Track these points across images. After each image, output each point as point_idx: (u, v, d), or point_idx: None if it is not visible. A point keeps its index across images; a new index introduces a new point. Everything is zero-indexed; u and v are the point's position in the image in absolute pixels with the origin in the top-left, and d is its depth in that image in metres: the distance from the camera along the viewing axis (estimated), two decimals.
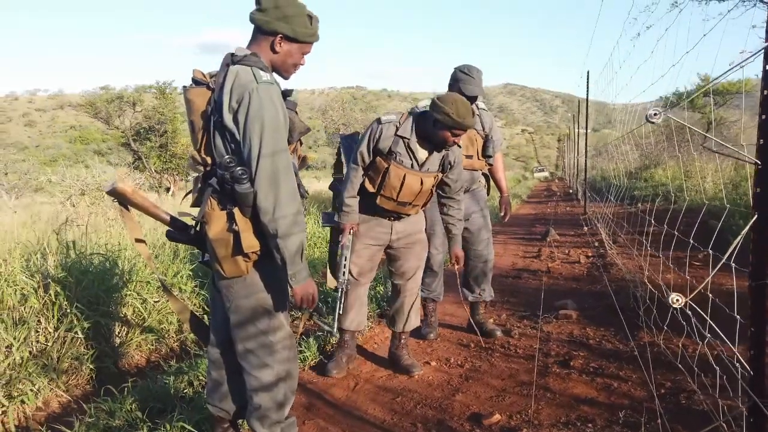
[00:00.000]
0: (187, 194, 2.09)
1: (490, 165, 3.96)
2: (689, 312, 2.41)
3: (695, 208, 6.98)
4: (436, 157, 2.96)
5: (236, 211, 1.85)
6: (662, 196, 11.51)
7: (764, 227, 1.39)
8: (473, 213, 3.83)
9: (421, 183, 2.93)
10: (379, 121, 2.95)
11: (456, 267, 3.33)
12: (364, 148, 2.94)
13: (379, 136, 2.90)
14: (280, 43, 1.91)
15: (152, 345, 3.85)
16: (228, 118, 1.82)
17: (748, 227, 1.42)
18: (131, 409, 2.64)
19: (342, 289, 3.00)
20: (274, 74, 1.97)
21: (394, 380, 3.16)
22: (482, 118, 3.79)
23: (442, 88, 3.87)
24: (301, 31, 1.91)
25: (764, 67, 1.36)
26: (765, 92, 1.37)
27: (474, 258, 3.88)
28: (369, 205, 3.02)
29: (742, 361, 1.63)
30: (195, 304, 4.42)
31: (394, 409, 2.79)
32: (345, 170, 3.19)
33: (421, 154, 2.93)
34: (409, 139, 2.89)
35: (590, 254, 6.74)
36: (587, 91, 11.82)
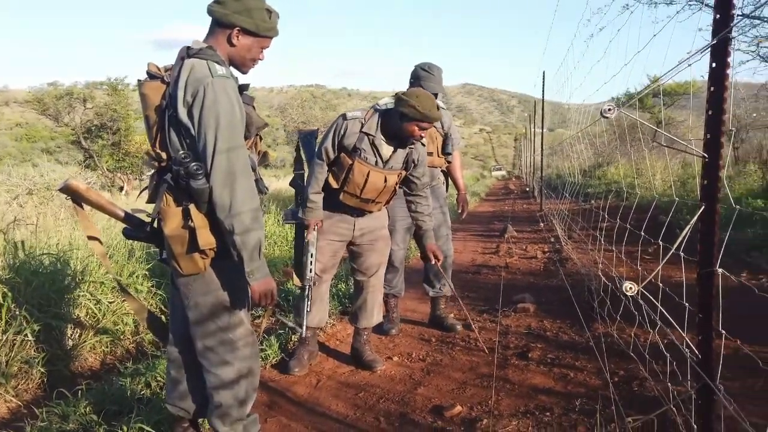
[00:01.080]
0: (142, 190, 2.05)
1: (449, 162, 4.02)
2: (641, 301, 2.50)
3: (645, 204, 7.24)
4: (401, 154, 2.98)
5: (192, 207, 1.82)
6: (614, 193, 11.89)
7: (711, 217, 1.45)
8: (433, 209, 3.87)
9: (385, 180, 2.94)
10: (344, 117, 2.95)
11: (435, 262, 3.33)
12: (329, 144, 2.93)
13: (344, 133, 2.90)
14: (237, 37, 1.88)
15: (107, 347, 3.74)
16: (183, 113, 1.79)
17: (696, 218, 1.48)
18: (86, 412, 2.56)
19: (309, 286, 2.99)
20: (231, 68, 1.94)
21: (357, 376, 3.16)
22: (441, 117, 3.84)
23: (402, 87, 3.90)
24: (260, 24, 1.89)
25: (710, 65, 1.43)
26: (711, 88, 1.43)
27: None
28: (332, 201, 3.01)
29: (692, 346, 1.71)
30: (152, 305, 4.32)
31: (357, 404, 2.80)
32: (305, 166, 3.18)
33: (386, 151, 2.94)
34: (374, 136, 2.90)
35: (546, 250, 6.90)
36: (543, 91, 12.09)
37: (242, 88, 1.94)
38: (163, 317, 3.53)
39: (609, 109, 1.51)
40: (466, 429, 2.47)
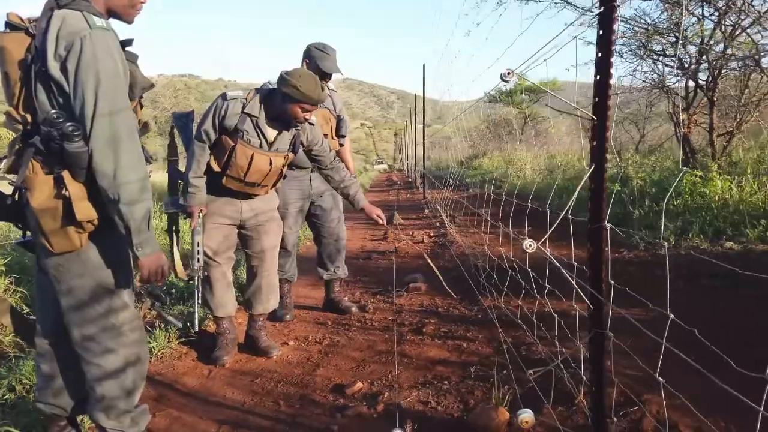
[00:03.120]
0: (1, 159, 1.79)
1: (341, 145, 3.99)
2: (529, 269, 2.64)
3: (518, 191, 7.72)
4: (287, 136, 2.89)
5: (66, 174, 1.62)
6: (490, 182, 12.61)
7: (600, 176, 1.56)
8: (324, 192, 3.82)
9: (270, 163, 2.84)
10: (224, 97, 2.80)
11: (382, 222, 3.25)
12: (208, 125, 2.77)
13: (225, 113, 2.75)
14: None
15: None
16: (54, 68, 1.58)
17: (587, 176, 1.58)
18: None
19: (198, 277, 2.81)
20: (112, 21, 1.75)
21: (252, 363, 3.04)
22: (333, 99, 3.81)
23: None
24: None
25: (598, 32, 1.53)
26: (599, 54, 1.53)
27: (327, 236, 3.88)
28: (215, 185, 2.86)
29: (578, 309, 1.82)
30: None
31: (254, 390, 2.69)
32: (183, 151, 3.01)
33: (270, 133, 2.83)
34: (257, 117, 2.78)
35: (432, 234, 7.12)
36: (423, 83, 12.44)
37: (125, 44, 1.75)
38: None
39: (508, 73, 1.56)
40: (369, 403, 2.46)
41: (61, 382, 1.93)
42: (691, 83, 6.66)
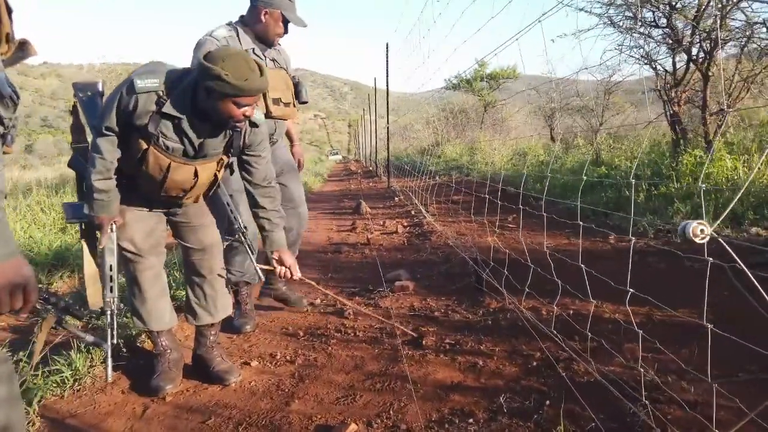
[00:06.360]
0: None
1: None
2: (583, 264, 1.99)
3: (490, 178, 7.14)
4: (220, 136, 2.11)
5: None
6: (457, 169, 12.07)
7: None
8: (282, 170, 3.13)
9: (196, 174, 2.09)
10: (131, 87, 1.93)
11: (281, 274, 2.43)
12: (112, 121, 1.96)
13: (133, 110, 1.94)
14: None
15: None
16: None
17: None
18: None
19: (111, 311, 2.06)
20: None
21: (203, 394, 2.28)
22: (284, 56, 3.11)
23: None
24: None
25: None
26: None
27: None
28: (130, 190, 2.15)
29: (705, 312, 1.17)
30: None
31: None
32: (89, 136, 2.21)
33: (199, 134, 2.05)
34: (181, 119, 1.98)
35: (406, 224, 6.43)
36: (387, 65, 11.70)
37: None
38: None
39: None
40: None
41: None
42: (680, 59, 6.19)
